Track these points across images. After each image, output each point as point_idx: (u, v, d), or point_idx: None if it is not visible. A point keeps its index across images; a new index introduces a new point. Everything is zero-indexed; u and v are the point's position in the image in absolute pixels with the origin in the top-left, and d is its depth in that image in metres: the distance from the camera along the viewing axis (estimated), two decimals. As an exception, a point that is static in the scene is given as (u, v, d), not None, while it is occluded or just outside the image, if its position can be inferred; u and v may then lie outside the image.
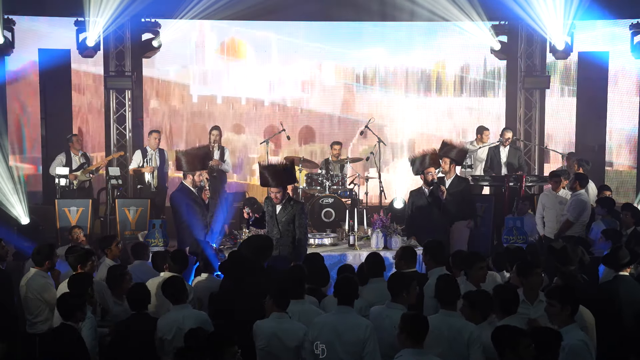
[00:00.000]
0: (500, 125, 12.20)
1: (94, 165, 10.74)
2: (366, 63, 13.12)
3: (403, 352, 4.31)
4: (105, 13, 11.20)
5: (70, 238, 8.32)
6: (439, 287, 4.95)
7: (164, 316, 5.28)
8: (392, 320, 4.86)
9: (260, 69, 12.78)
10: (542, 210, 9.25)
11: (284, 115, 12.60)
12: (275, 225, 7.16)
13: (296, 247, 7.15)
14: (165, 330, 5.14)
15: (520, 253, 6.68)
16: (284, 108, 12.93)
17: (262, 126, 12.84)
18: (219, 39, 12.98)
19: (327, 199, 9.68)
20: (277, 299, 4.89)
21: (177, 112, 12.79)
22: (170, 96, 12.80)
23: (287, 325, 4.87)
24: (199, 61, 12.94)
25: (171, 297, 5.29)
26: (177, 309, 5.23)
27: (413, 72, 13.09)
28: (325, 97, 12.98)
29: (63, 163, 10.36)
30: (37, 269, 6.24)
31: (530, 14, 11.41)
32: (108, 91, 12.09)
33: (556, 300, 4.61)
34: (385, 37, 12.92)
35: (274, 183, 7.09)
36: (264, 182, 7.23)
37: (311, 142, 12.91)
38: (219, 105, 12.85)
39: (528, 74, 12.14)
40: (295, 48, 12.80)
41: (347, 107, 13.00)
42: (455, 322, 4.73)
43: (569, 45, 11.56)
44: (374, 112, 12.15)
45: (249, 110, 12.87)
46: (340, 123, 12.91)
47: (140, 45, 12.18)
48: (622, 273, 5.99)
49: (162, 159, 10.66)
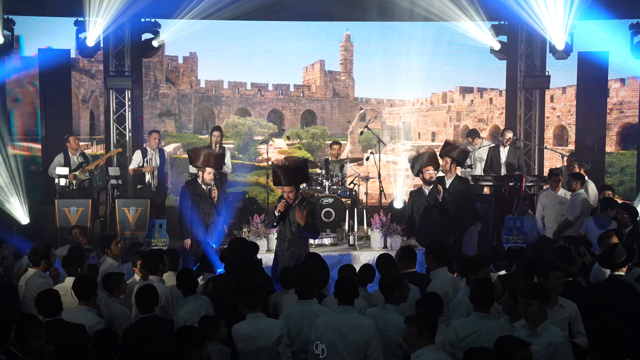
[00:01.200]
0: (500, 125, 12.22)
1: (92, 164, 10.72)
2: (366, 56, 13.19)
3: (422, 351, 4.31)
4: (105, 13, 11.19)
5: (70, 238, 8.32)
6: (475, 290, 4.82)
7: (184, 307, 5.47)
8: (385, 321, 4.91)
9: (265, 55, 12.83)
10: (542, 210, 9.26)
11: (287, 99, 12.90)
12: (288, 226, 7.12)
13: (311, 229, 7.12)
14: (194, 321, 5.17)
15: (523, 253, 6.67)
16: (287, 92, 13.17)
17: (266, 109, 13.12)
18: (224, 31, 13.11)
19: (327, 199, 9.66)
20: (245, 300, 5.01)
21: (185, 96, 12.95)
22: (180, 81, 13.03)
23: (263, 324, 4.96)
24: (207, 49, 13.04)
25: (185, 288, 5.56)
26: (193, 299, 5.50)
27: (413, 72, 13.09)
28: (325, 83, 13.23)
29: (62, 163, 10.34)
30: (35, 269, 6.24)
31: (530, 14, 11.39)
32: (108, 91, 12.10)
33: (535, 300, 4.55)
34: (384, 37, 12.92)
35: (286, 182, 7.06)
36: (276, 181, 7.20)
37: (312, 125, 13.22)
38: (225, 89, 13.03)
39: (528, 74, 12.14)
40: (294, 38, 12.92)
41: (347, 92, 13.30)
42: (490, 324, 4.66)
43: (569, 45, 11.55)
44: (373, 99, 12.27)
45: (254, 95, 13.06)
46: (340, 106, 13.18)
47: (140, 45, 12.18)
48: (617, 273, 5.88)
49: (162, 159, 10.65)
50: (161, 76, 12.69)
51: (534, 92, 12.30)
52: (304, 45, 12.58)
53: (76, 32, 11.44)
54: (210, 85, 12.89)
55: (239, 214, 10.97)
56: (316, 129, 13.17)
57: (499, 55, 12.60)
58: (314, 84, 13.20)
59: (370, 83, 13.20)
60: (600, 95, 12.20)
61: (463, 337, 4.59)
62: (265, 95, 13.07)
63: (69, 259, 6.22)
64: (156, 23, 12.12)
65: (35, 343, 4.40)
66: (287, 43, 12.45)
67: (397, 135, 13.02)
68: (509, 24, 12.23)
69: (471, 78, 13.28)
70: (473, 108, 13.17)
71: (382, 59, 12.89)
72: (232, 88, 12.95)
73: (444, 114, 13.27)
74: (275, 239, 7.45)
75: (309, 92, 13.22)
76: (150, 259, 6.25)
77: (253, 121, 12.97)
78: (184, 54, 12.81)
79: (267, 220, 7.63)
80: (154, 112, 12.52)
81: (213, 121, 11.96)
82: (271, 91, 13.10)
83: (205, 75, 12.86)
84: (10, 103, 12.25)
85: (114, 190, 10.09)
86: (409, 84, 12.79)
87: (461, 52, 12.94)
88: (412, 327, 4.36)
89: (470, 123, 12.93)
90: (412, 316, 4.48)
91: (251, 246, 6.69)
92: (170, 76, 12.76)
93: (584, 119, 12.32)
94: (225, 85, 13.00)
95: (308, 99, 13.17)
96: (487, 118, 13.15)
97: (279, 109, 12.98)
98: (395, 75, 12.79)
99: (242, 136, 12.76)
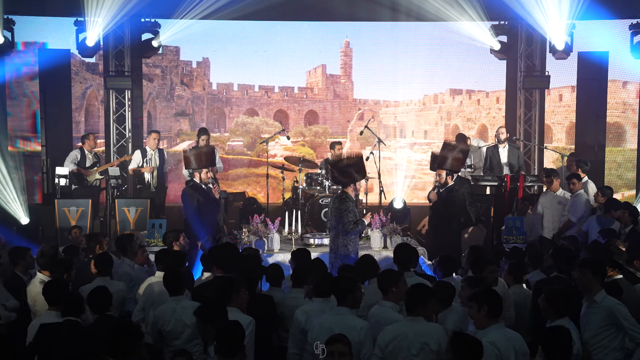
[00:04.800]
0: (488, 124, 12.35)
1: (106, 165, 10.73)
2: (365, 60, 13.57)
3: (489, 330, 4.38)
4: (105, 13, 11.20)
5: (70, 238, 8.32)
6: (407, 295, 4.77)
7: (162, 307, 5.32)
8: (379, 317, 4.91)
9: (271, 59, 13.43)
10: (541, 211, 9.25)
11: (292, 100, 13.68)
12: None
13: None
14: (164, 321, 5.16)
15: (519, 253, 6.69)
16: (291, 94, 13.91)
17: (272, 110, 13.92)
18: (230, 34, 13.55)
19: (327, 199, 9.65)
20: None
21: (199, 98, 13.78)
22: (194, 84, 13.90)
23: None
24: (218, 53, 13.84)
25: (169, 289, 5.36)
26: (175, 300, 5.28)
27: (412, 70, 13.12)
28: (327, 85, 13.96)
29: (77, 159, 10.36)
30: (42, 274, 6.22)
31: (530, 14, 11.39)
32: (108, 91, 12.10)
33: (474, 302, 4.53)
34: (384, 36, 12.96)
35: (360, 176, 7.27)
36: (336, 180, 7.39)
37: (315, 124, 13.93)
38: (235, 91, 13.96)
39: (528, 74, 12.13)
40: (298, 43, 13.41)
41: (346, 94, 13.99)
42: (418, 326, 4.56)
43: (569, 45, 11.53)
44: (372, 101, 12.54)
45: (261, 96, 13.95)
46: (341, 106, 13.97)
47: (140, 45, 12.18)
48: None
49: (162, 159, 10.64)
50: (176, 79, 13.68)
51: (533, 92, 12.30)
52: (307, 50, 13.47)
53: (76, 32, 11.43)
54: (221, 88, 13.89)
55: (239, 214, 10.98)
56: (318, 127, 13.95)
57: (499, 55, 12.59)
58: (316, 86, 14.02)
59: (369, 84, 13.87)
60: (600, 95, 12.20)
61: (389, 340, 4.52)
62: (271, 97, 13.96)
63: (57, 263, 6.13)
64: (156, 23, 12.12)
65: (138, 354, 4.17)
66: (291, 47, 13.25)
67: (392, 134, 13.61)
68: (509, 24, 12.22)
69: (467, 79, 13.42)
70: (462, 108, 13.49)
71: (381, 59, 13.07)
72: (241, 90, 13.93)
73: (435, 113, 13.72)
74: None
75: (312, 93, 14.06)
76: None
77: (260, 120, 13.89)
78: (198, 59, 13.72)
79: (358, 226, 7.29)
80: (170, 112, 13.50)
81: (224, 120, 13.12)
82: (277, 93, 14.01)
83: (217, 78, 13.79)
84: (10, 102, 12.24)
85: (114, 191, 10.09)
86: (400, 84, 13.15)
87: (458, 52, 12.93)
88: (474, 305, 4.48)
89: (459, 122, 13.14)
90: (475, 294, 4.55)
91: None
92: (185, 79, 13.70)
93: (584, 119, 12.31)
94: (235, 87, 13.93)
95: (311, 100, 14.08)
96: (475, 118, 13.50)
97: (284, 109, 13.90)
98: (393, 76, 13.07)
99: (251, 134, 13.73)
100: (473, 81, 13.46)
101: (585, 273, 5.06)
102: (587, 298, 5.08)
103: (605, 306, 4.95)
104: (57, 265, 6.04)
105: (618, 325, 4.89)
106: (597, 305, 4.98)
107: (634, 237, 7.66)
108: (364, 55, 13.63)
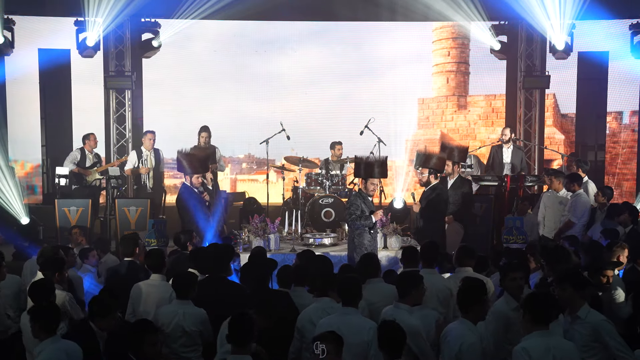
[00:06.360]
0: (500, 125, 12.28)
1: (106, 165, 10.73)
2: (365, 60, 13.53)
3: (529, 336, 4.26)
4: (105, 13, 11.21)
5: (70, 238, 8.31)
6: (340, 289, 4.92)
7: (165, 307, 5.31)
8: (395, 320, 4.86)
9: (271, 60, 13.61)
10: (544, 210, 9.25)
11: (290, 101, 13.67)
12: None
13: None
14: (165, 322, 5.14)
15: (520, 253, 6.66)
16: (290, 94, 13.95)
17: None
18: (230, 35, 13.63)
19: (327, 199, 9.65)
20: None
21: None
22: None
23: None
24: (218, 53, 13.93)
25: (177, 290, 5.30)
26: (179, 304, 5.25)
27: (412, 70, 13.16)
28: (326, 86, 13.88)
29: (77, 159, 10.36)
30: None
31: (530, 14, 11.40)
32: (108, 91, 12.09)
33: (521, 308, 4.49)
34: (383, 36, 12.96)
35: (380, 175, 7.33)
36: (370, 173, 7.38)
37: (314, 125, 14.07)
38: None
39: (528, 73, 12.14)
40: (297, 44, 13.55)
41: (347, 95, 13.99)
42: (352, 319, 4.72)
43: (569, 45, 11.54)
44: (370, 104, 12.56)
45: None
46: (340, 108, 13.88)
47: (140, 45, 12.19)
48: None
49: (158, 159, 10.61)
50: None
51: (533, 92, 12.30)
52: (305, 54, 13.68)
53: (76, 32, 11.44)
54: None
55: (239, 214, 10.97)
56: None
57: (499, 55, 12.60)
58: (314, 88, 14.05)
59: (368, 85, 13.75)
60: (600, 95, 12.20)
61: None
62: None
63: (48, 262, 5.92)
64: (156, 23, 12.13)
65: (151, 349, 4.30)
66: (291, 47, 13.47)
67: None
68: (509, 24, 12.24)
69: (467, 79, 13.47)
70: (462, 109, 13.67)
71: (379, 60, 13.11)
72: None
73: (435, 113, 13.79)
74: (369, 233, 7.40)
75: (310, 93, 14.11)
76: (153, 258, 6.17)
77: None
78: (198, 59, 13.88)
79: (361, 220, 7.30)
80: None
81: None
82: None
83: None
84: (10, 102, 12.23)
85: (114, 191, 10.08)
86: (400, 84, 13.12)
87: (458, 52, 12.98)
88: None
89: (458, 123, 13.25)
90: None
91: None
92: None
93: (584, 119, 12.31)
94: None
95: (309, 101, 14.07)
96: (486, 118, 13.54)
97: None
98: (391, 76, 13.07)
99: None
100: (473, 81, 13.52)
101: (565, 288, 4.69)
102: (570, 313, 4.72)
103: (591, 322, 4.60)
104: (48, 265, 5.86)
105: (604, 343, 4.54)
106: (581, 322, 4.63)
107: (634, 237, 7.65)
108: (366, 52, 13.52)
